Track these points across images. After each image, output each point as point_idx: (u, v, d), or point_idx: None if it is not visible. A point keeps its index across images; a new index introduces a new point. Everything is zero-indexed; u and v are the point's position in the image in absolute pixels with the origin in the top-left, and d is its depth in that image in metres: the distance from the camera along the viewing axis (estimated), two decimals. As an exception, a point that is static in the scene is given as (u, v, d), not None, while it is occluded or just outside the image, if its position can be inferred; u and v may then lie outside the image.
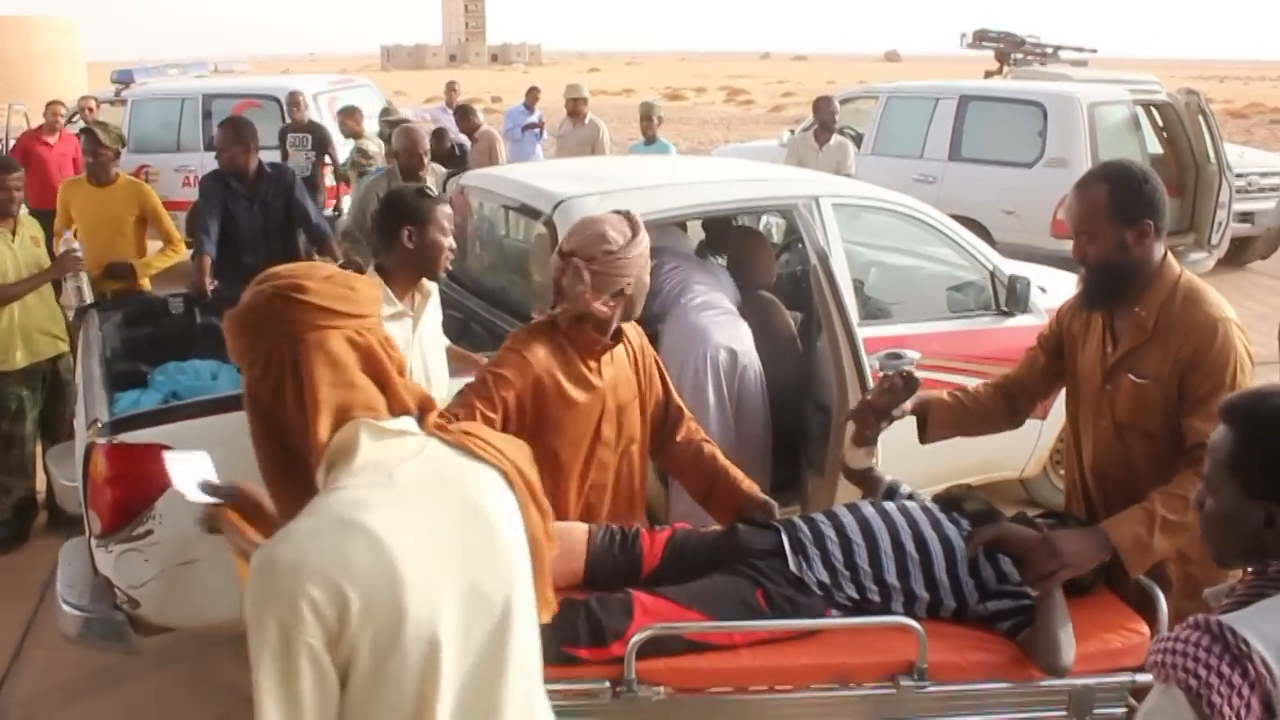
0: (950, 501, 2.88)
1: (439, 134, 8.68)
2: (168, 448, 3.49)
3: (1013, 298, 4.87)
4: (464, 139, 9.34)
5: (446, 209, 3.28)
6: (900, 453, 4.09)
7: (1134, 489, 2.71)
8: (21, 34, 45.33)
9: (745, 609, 2.57)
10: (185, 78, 15.02)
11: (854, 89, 11.72)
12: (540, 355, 2.81)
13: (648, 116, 8.79)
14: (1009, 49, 14.15)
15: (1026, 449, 5.09)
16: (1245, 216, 10.13)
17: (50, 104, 9.62)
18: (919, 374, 4.63)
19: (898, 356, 4.73)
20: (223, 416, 3.62)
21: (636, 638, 2.42)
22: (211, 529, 2.03)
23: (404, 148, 6.25)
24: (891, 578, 2.67)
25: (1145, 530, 2.59)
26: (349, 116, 9.22)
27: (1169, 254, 2.77)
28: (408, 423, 1.55)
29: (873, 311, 4.80)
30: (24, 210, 5.22)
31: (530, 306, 3.93)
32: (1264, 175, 10.81)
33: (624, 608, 2.52)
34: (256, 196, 5.63)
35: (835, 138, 8.62)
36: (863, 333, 4.48)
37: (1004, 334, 4.87)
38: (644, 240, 2.86)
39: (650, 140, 8.83)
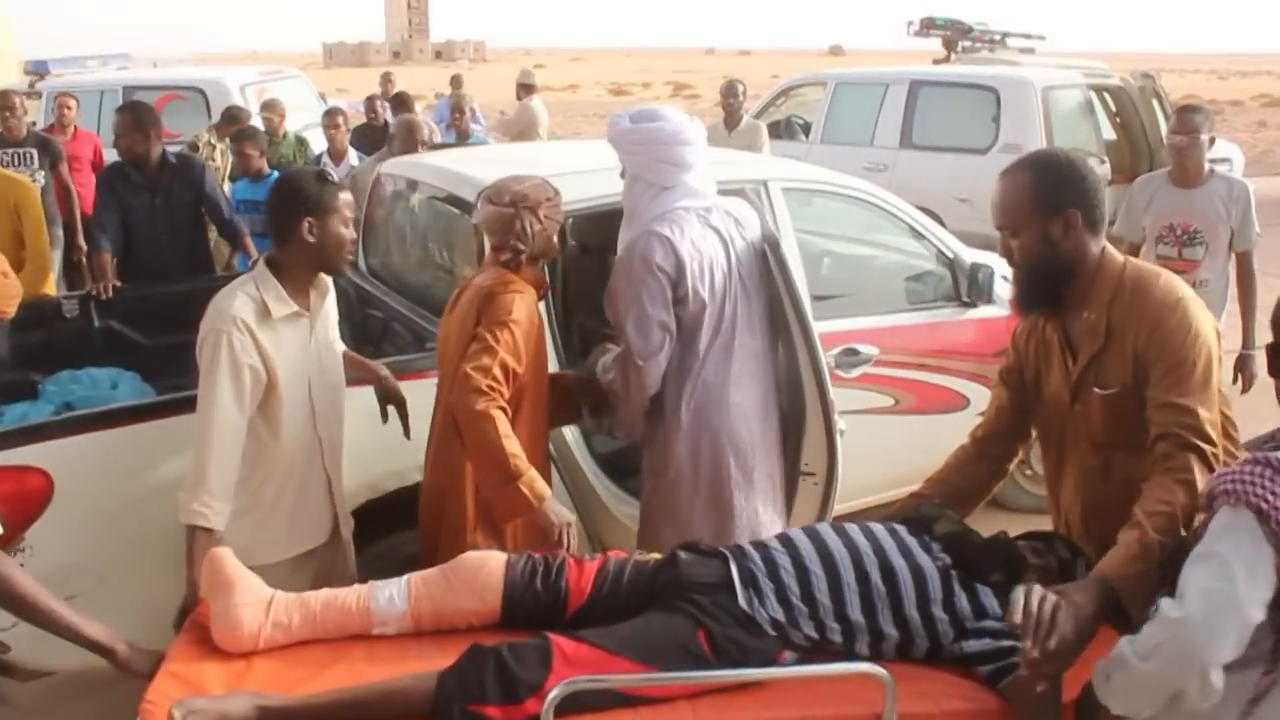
0: (920, 523, 2.54)
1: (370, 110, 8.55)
2: (43, 470, 3.14)
3: (975, 288, 4.58)
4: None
5: (348, 196, 2.94)
6: (859, 458, 3.80)
7: (1127, 518, 2.33)
8: (-49, 31, 44.13)
9: (685, 654, 2.23)
10: (106, 70, 14.43)
11: (802, 76, 11.42)
12: (531, 298, 3.00)
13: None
14: (956, 36, 13.99)
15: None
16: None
17: (60, 96, 8.54)
18: (877, 371, 4.45)
19: (854, 353, 4.48)
20: (114, 431, 3.22)
21: (554, 693, 2.05)
22: None
23: (401, 136, 6.14)
24: (856, 614, 2.34)
25: (1146, 565, 2.19)
26: (270, 111, 8.72)
27: (1108, 247, 2.50)
28: None
29: (827, 304, 4.49)
30: None
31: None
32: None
33: (541, 656, 2.18)
34: (159, 189, 5.18)
35: (745, 120, 8.36)
36: (819, 327, 4.17)
37: (966, 326, 4.60)
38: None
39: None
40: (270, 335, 2.82)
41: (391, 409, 3.27)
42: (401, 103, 9.39)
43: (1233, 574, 1.80)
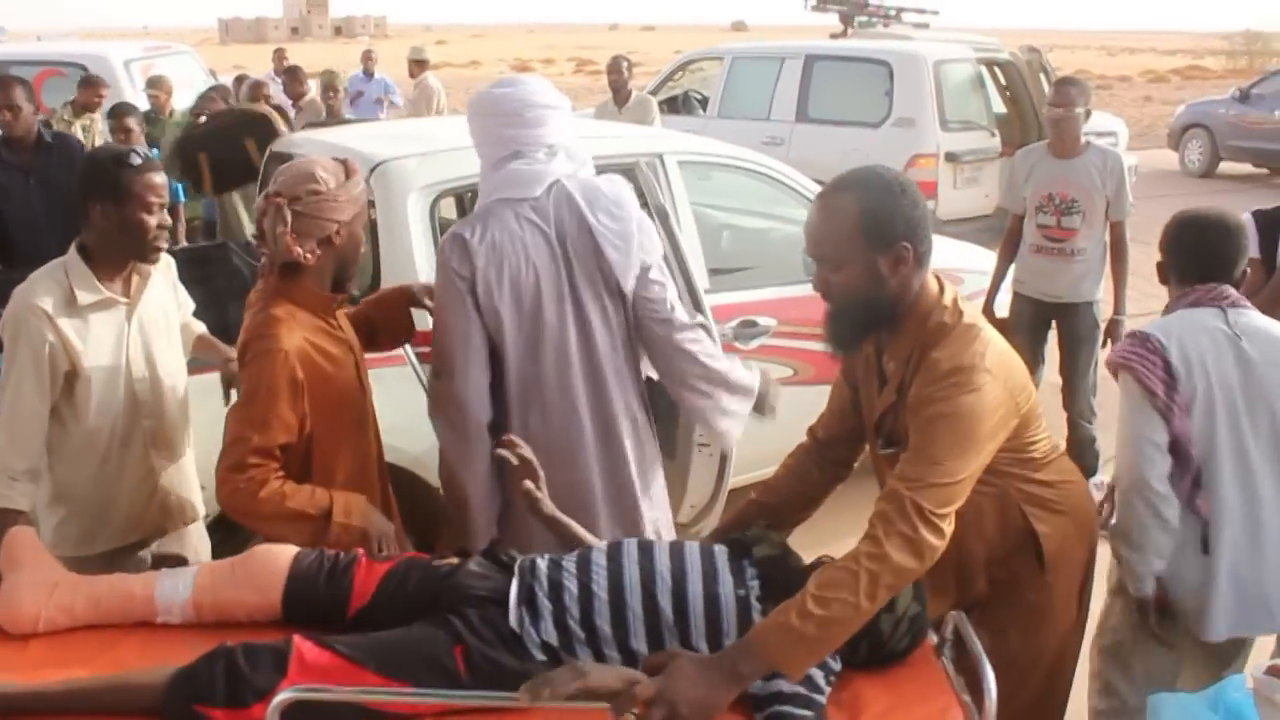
0: (740, 545, 2.33)
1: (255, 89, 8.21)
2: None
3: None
4: (286, 102, 8.78)
5: (153, 179, 2.74)
6: (759, 429, 3.83)
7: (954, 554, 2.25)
8: None
9: (435, 670, 2.08)
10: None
11: (699, 51, 11.48)
12: (289, 337, 2.53)
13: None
14: (853, 11, 14.17)
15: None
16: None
17: None
18: (775, 342, 4.50)
19: (752, 325, 4.53)
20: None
21: (278, 699, 1.90)
22: None
23: (247, 97, 6.29)
24: (639, 643, 2.15)
25: (796, 615, 1.97)
26: (156, 88, 8.39)
27: (928, 282, 2.27)
28: None
29: (724, 277, 4.52)
30: None
31: (359, 287, 3.43)
32: (1100, 135, 10.99)
33: (276, 660, 2.05)
34: (34, 170, 4.95)
35: (635, 95, 8.42)
36: (715, 300, 4.21)
37: (861, 297, 4.65)
38: (357, 187, 2.62)
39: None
40: (75, 323, 2.73)
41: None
42: (295, 78, 9.18)
43: (1133, 420, 2.64)
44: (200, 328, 3.21)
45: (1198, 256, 2.76)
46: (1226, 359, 2.63)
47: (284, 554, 2.34)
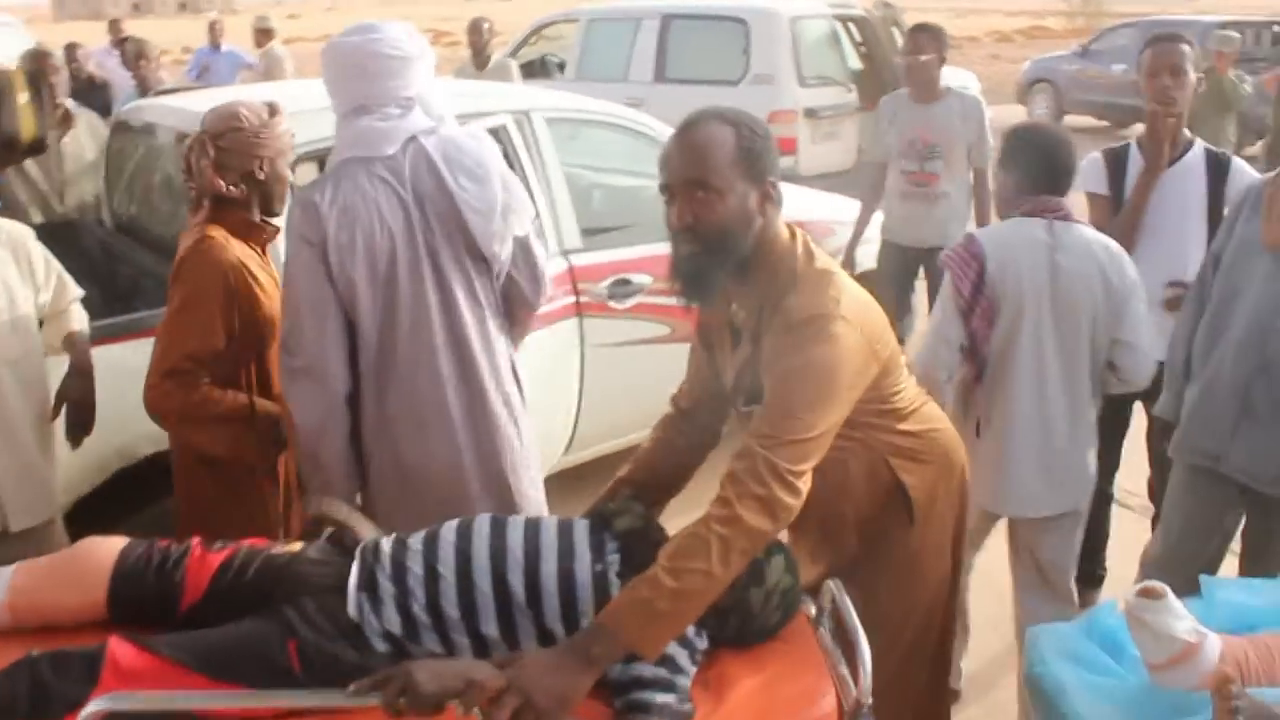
0: (602, 518, 2.20)
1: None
2: None
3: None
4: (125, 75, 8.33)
5: None
6: (638, 389, 3.84)
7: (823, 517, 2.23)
8: None
9: (267, 669, 1.92)
10: None
11: (553, 14, 11.34)
12: (225, 253, 2.72)
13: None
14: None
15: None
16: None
17: None
18: (650, 300, 4.48)
19: (626, 283, 4.51)
20: None
21: (86, 711, 1.74)
22: None
23: (30, 65, 5.67)
24: (489, 627, 2.01)
25: (648, 590, 1.87)
26: None
27: (779, 231, 2.19)
28: None
29: (597, 236, 4.49)
30: None
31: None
32: (962, 89, 11.24)
33: (87, 668, 1.88)
34: None
35: (495, 58, 8.30)
36: (589, 258, 4.19)
37: (733, 249, 4.67)
38: (280, 126, 2.79)
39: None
40: None
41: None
42: (125, 50, 8.69)
43: (938, 314, 2.96)
44: (76, 325, 2.97)
45: (1035, 167, 2.96)
46: (1040, 267, 2.87)
47: (109, 549, 2.18)
